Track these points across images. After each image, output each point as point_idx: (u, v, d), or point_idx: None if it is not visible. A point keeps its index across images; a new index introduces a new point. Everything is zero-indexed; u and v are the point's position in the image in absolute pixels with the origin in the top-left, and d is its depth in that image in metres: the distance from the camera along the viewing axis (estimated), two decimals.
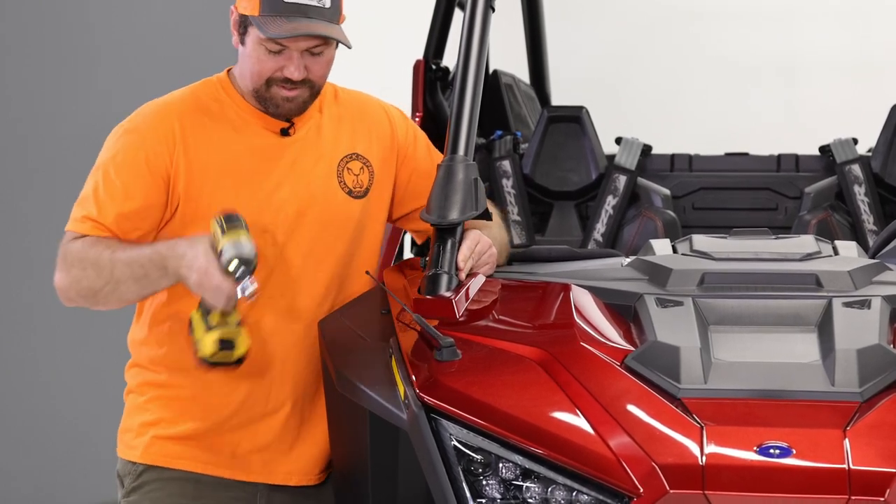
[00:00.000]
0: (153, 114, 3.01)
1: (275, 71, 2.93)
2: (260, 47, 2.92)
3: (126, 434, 3.09)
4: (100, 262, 2.90)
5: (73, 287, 2.93)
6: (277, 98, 2.97)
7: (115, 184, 2.95)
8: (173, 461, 3.03)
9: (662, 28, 8.07)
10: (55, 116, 5.62)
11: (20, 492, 5.50)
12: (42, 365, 5.64)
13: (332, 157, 3.09)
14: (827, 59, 7.92)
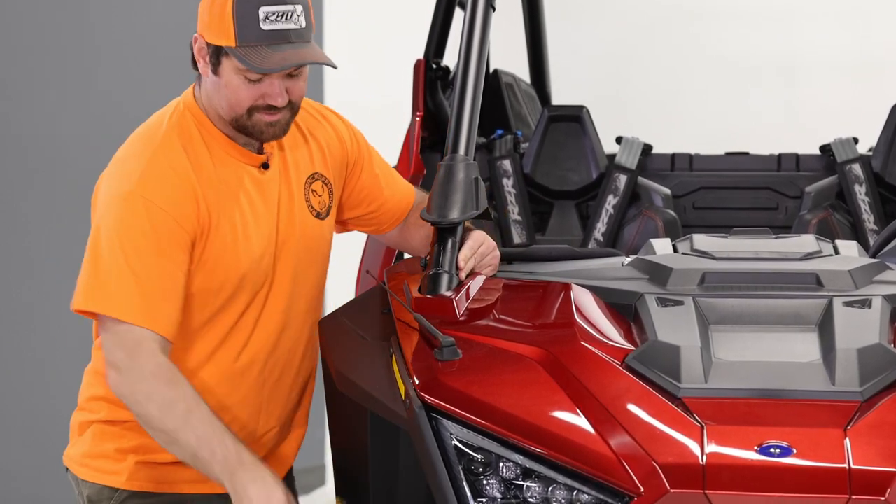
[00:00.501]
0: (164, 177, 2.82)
1: (256, 99, 2.82)
2: (237, 77, 2.80)
3: (97, 460, 2.98)
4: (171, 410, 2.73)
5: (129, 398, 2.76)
6: (260, 125, 2.85)
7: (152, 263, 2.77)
8: (159, 486, 2.95)
9: (663, 27, 8.08)
10: (55, 116, 5.62)
11: (20, 492, 5.50)
12: (42, 364, 5.64)
13: (300, 183, 3.02)
14: (827, 59, 7.93)
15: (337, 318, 3.04)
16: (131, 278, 2.76)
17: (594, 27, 8.09)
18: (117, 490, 2.96)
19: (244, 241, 2.89)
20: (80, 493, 3.02)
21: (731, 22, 8.03)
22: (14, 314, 5.59)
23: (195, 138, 2.90)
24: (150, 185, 2.81)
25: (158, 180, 2.82)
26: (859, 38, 7.90)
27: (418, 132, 4.92)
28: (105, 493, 2.97)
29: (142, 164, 2.84)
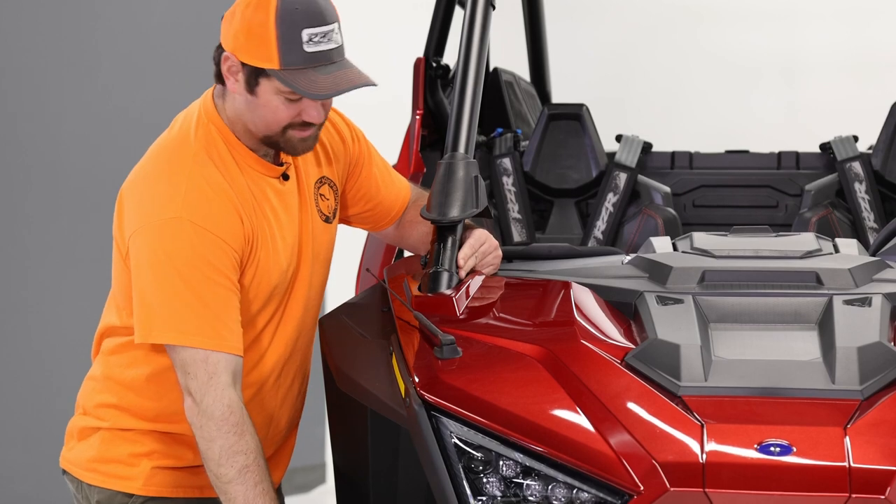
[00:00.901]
0: (208, 200, 2.80)
1: (293, 118, 2.82)
2: (277, 98, 2.79)
3: (108, 465, 2.95)
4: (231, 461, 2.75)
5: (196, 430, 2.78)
6: (294, 141, 2.85)
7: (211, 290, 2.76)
8: (175, 490, 2.95)
9: (663, 25, 8.08)
10: (55, 115, 5.61)
11: (18, 491, 5.50)
12: (42, 363, 5.64)
13: (310, 189, 3.02)
14: (827, 58, 7.93)
15: (337, 317, 3.05)
16: (195, 303, 2.75)
17: (594, 25, 8.09)
18: (132, 496, 2.94)
19: (274, 255, 2.89)
20: (87, 497, 2.99)
21: (732, 21, 8.03)
22: (13, 313, 5.58)
23: (223, 153, 2.88)
24: (193, 208, 2.78)
25: (201, 202, 2.80)
26: (859, 37, 7.90)
27: (418, 130, 4.92)
28: (118, 499, 2.95)
29: (180, 186, 2.81)
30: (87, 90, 5.66)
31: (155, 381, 2.91)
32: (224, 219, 2.79)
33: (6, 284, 5.53)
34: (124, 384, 2.94)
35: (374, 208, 3.21)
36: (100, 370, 3.00)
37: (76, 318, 5.66)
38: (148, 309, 2.78)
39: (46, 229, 5.60)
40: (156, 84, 5.76)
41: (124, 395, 2.94)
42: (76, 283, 5.65)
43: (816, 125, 6.39)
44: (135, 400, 2.93)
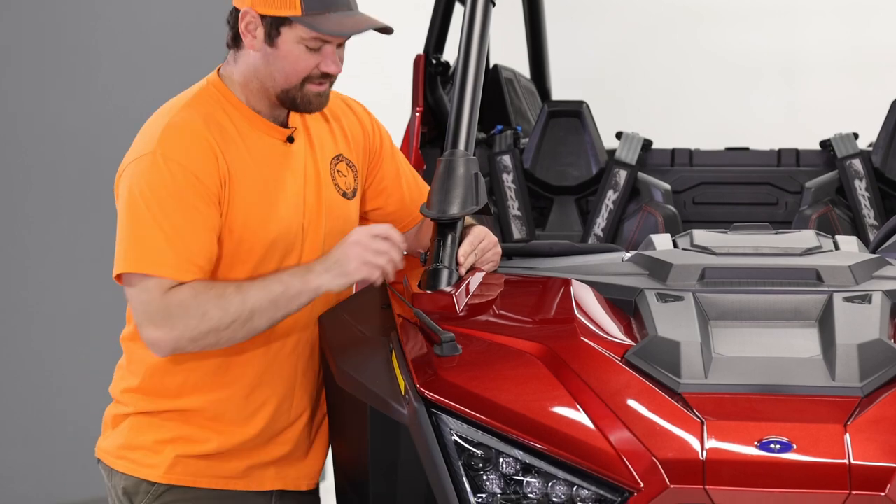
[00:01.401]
0: (182, 137, 2.86)
1: (312, 69, 2.89)
2: (299, 46, 2.86)
3: (135, 452, 2.97)
4: (224, 298, 2.79)
5: (186, 335, 2.78)
6: (309, 95, 2.91)
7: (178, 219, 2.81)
8: (197, 480, 2.95)
9: (664, 24, 8.08)
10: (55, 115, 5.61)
11: (17, 490, 5.50)
12: (41, 360, 5.64)
13: (325, 162, 3.07)
14: (827, 57, 7.92)
15: (337, 314, 3.04)
16: (160, 235, 2.79)
17: (595, 23, 8.09)
18: (154, 484, 2.95)
19: (269, 207, 2.92)
20: (115, 485, 3.01)
21: (732, 19, 8.03)
22: (13, 312, 5.58)
23: (216, 108, 2.94)
24: (166, 144, 2.84)
25: (174, 139, 2.85)
26: (859, 36, 7.90)
27: (418, 127, 4.92)
28: (142, 487, 2.96)
29: (159, 128, 2.88)
30: (88, 90, 5.66)
31: (180, 359, 2.93)
32: (196, 154, 2.85)
33: (6, 284, 5.52)
34: (145, 364, 2.96)
35: (395, 207, 3.21)
36: (124, 356, 3.05)
37: (76, 318, 5.67)
38: (118, 244, 2.85)
39: (46, 229, 5.60)
40: (156, 84, 5.75)
41: (146, 377, 2.97)
42: (76, 283, 5.65)
43: (816, 123, 6.39)
44: (155, 379, 2.96)
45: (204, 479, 2.96)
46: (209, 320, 2.78)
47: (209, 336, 2.79)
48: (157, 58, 5.78)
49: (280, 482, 3.04)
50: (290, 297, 2.83)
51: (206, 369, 2.94)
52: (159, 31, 5.80)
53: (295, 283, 2.83)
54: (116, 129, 5.69)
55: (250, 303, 2.80)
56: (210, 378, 2.94)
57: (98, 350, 5.63)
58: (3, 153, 5.48)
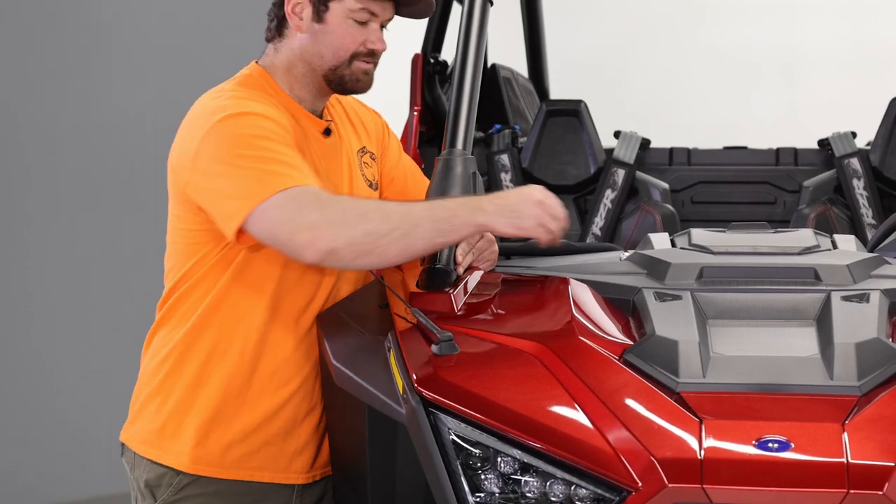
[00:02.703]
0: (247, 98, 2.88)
1: (359, 44, 2.96)
2: (347, 21, 2.95)
3: (162, 438, 2.97)
4: (385, 206, 2.75)
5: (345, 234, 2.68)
6: (358, 73, 2.99)
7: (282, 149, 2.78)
8: (220, 471, 2.96)
9: (662, 22, 8.08)
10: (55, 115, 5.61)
11: (17, 490, 5.50)
12: (41, 360, 5.64)
13: (353, 153, 3.13)
14: (827, 54, 7.92)
15: (334, 313, 3.04)
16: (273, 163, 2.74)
17: (593, 22, 8.08)
18: (178, 474, 2.95)
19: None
20: (137, 478, 3.01)
21: (731, 17, 8.03)
22: (13, 310, 5.59)
23: (264, 92, 2.97)
24: (242, 105, 2.84)
25: (247, 101, 2.87)
26: (859, 32, 7.90)
27: (416, 126, 4.93)
28: (165, 479, 2.96)
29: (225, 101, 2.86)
30: (88, 90, 5.66)
31: (209, 314, 2.94)
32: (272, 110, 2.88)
33: (6, 284, 5.53)
34: (176, 341, 2.96)
35: (402, 199, 3.22)
36: (152, 342, 3.04)
37: (76, 318, 5.67)
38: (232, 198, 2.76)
39: (46, 229, 5.60)
40: (156, 84, 5.76)
41: (174, 354, 2.96)
42: (76, 283, 5.65)
43: (816, 120, 6.39)
44: (185, 354, 2.95)
45: (231, 471, 2.96)
46: (368, 221, 2.70)
47: (366, 240, 2.69)
48: (157, 58, 5.79)
49: (301, 473, 3.04)
50: (454, 226, 2.75)
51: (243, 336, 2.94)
52: (160, 31, 5.80)
53: (462, 213, 2.76)
54: (116, 129, 5.70)
55: (413, 216, 2.72)
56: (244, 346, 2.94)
57: (98, 350, 5.65)
58: (3, 153, 5.48)
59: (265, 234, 2.74)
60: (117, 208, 5.70)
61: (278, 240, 2.73)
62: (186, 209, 2.91)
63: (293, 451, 3.03)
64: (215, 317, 2.95)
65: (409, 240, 2.72)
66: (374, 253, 2.71)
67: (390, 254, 2.73)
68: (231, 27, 5.77)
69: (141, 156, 5.64)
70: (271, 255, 2.92)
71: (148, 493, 2.98)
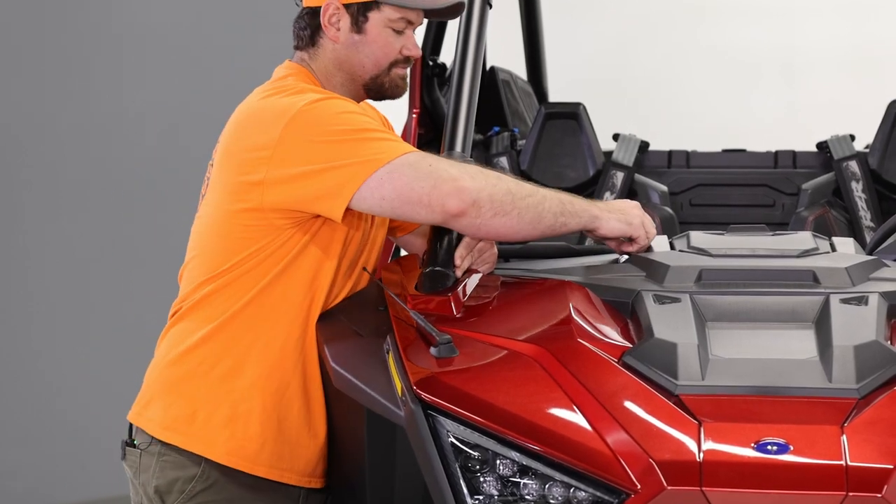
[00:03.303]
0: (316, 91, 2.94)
1: (398, 53, 3.02)
2: (386, 30, 3.00)
3: (192, 425, 2.93)
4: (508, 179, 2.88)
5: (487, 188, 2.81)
6: (397, 79, 3.05)
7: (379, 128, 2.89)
8: (255, 467, 2.95)
9: (661, 23, 8.08)
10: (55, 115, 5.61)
11: (17, 490, 5.50)
12: (41, 360, 5.64)
13: None
14: (827, 54, 7.92)
15: (333, 316, 3.04)
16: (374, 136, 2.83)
17: (592, 23, 8.08)
18: (193, 480, 2.91)
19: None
20: (143, 483, 2.95)
21: (730, 18, 8.03)
22: (14, 310, 5.59)
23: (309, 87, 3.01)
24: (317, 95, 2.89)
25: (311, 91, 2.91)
26: (859, 32, 7.90)
27: (415, 129, 4.92)
28: (177, 486, 2.92)
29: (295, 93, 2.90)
30: (88, 90, 5.66)
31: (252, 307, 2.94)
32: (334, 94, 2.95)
33: (6, 284, 5.53)
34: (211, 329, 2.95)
35: None
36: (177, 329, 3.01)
37: (76, 318, 5.67)
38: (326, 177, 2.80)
39: (46, 229, 5.60)
40: (156, 84, 5.76)
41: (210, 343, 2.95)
42: (76, 283, 5.65)
43: (816, 121, 6.39)
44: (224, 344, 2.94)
45: (262, 467, 2.94)
46: (505, 182, 2.85)
47: (506, 199, 2.83)
48: (157, 58, 5.79)
49: (307, 477, 3.03)
50: (575, 210, 2.95)
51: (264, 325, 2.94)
52: (160, 31, 5.81)
53: (578, 202, 2.97)
54: (116, 130, 5.70)
55: (542, 190, 2.90)
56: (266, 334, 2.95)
57: (98, 350, 5.65)
58: (3, 153, 5.48)
59: (392, 195, 2.80)
60: (117, 208, 5.71)
61: (412, 196, 2.80)
62: (247, 204, 2.90)
63: (319, 454, 3.02)
64: (259, 309, 2.94)
65: (541, 210, 2.88)
66: (511, 213, 2.83)
67: (525, 219, 2.86)
68: (232, 28, 5.77)
69: (141, 156, 5.64)
70: (326, 249, 2.95)
71: (157, 499, 2.94)
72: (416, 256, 3.22)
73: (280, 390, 2.96)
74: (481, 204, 2.82)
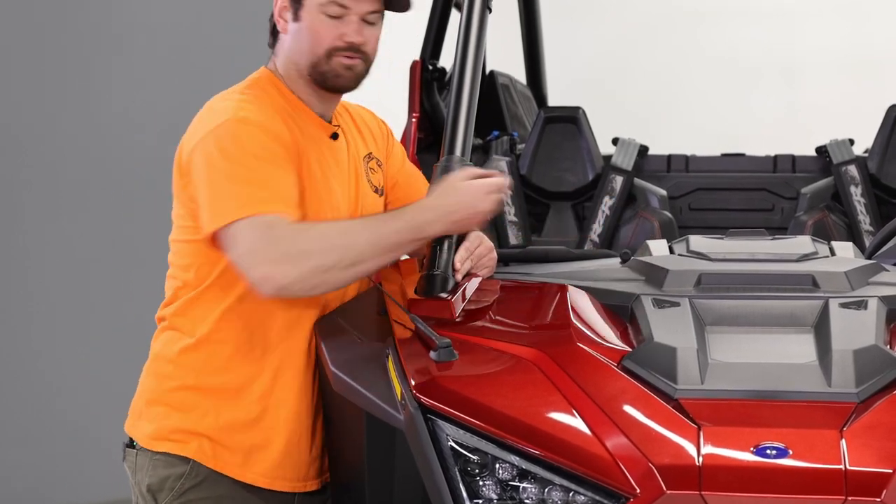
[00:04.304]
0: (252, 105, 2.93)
1: (335, 39, 2.96)
2: (319, 15, 2.95)
3: (176, 433, 2.97)
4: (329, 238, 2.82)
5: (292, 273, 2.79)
6: (338, 68, 2.98)
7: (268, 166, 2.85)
8: (243, 473, 2.97)
9: (660, 28, 8.08)
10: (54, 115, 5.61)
11: (17, 490, 5.50)
12: (41, 360, 5.64)
13: (360, 159, 3.15)
14: (828, 56, 7.92)
15: (333, 320, 3.04)
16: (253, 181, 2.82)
17: (591, 28, 8.09)
18: (182, 478, 2.94)
19: (325, 194, 3.00)
20: (138, 482, 2.99)
21: (730, 21, 8.03)
22: (13, 311, 5.58)
23: (274, 94, 3.02)
24: (243, 111, 2.90)
25: (250, 107, 2.92)
26: (858, 37, 7.90)
27: (414, 133, 4.93)
28: (167, 483, 2.95)
29: (230, 102, 2.94)
30: (87, 90, 5.66)
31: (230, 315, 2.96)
32: (272, 118, 2.92)
33: (6, 284, 5.52)
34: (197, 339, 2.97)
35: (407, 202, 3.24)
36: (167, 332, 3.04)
37: (76, 318, 5.67)
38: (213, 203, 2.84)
39: (46, 229, 5.60)
40: (157, 85, 5.76)
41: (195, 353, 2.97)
42: (76, 283, 5.65)
43: (816, 124, 6.40)
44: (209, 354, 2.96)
45: (249, 474, 2.96)
46: (312, 258, 2.79)
47: (314, 275, 2.80)
48: (158, 59, 5.79)
49: (302, 481, 3.04)
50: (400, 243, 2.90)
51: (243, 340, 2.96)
52: (160, 31, 5.81)
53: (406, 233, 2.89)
54: (116, 130, 5.70)
55: (358, 245, 2.83)
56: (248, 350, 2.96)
57: (98, 350, 5.64)
58: (3, 153, 5.48)
59: (228, 254, 2.85)
60: (117, 208, 5.70)
61: (238, 267, 2.83)
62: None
63: (310, 459, 3.04)
64: (238, 317, 2.96)
65: (357, 268, 2.84)
66: (323, 285, 2.84)
67: (340, 283, 2.87)
68: (231, 29, 5.77)
69: (141, 156, 5.64)
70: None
71: (150, 498, 2.97)
72: (415, 260, 3.22)
73: (263, 399, 2.97)
74: (289, 287, 2.81)
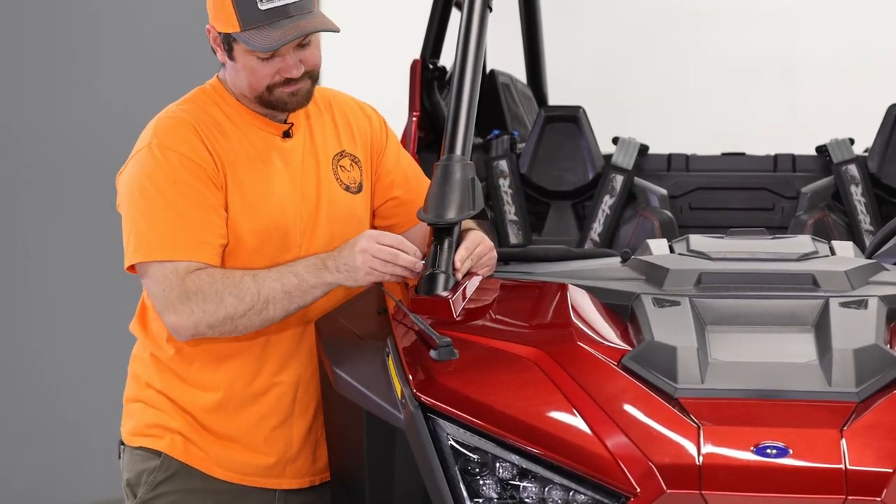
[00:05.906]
0: (173, 128, 2.96)
1: (273, 76, 2.94)
2: (251, 58, 2.93)
3: (152, 428, 3.03)
4: (241, 287, 2.88)
5: (204, 321, 2.87)
6: (283, 97, 2.98)
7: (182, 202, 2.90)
8: (213, 468, 3.01)
9: (660, 27, 8.08)
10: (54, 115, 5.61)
11: (17, 490, 5.50)
12: (41, 360, 5.64)
13: (326, 156, 3.12)
14: (828, 57, 7.92)
15: (333, 318, 3.05)
16: (167, 220, 2.88)
17: (592, 27, 8.08)
18: (154, 471, 3.00)
19: (262, 197, 2.99)
20: (124, 479, 3.05)
21: (730, 21, 8.03)
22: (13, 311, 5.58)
23: (212, 105, 3.03)
24: (159, 136, 2.95)
25: (166, 130, 2.96)
26: (858, 38, 7.90)
27: (415, 132, 4.93)
28: (143, 478, 3.01)
29: (152, 125, 3.00)
30: (87, 90, 5.66)
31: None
32: (190, 142, 2.94)
33: (6, 284, 5.52)
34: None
35: (401, 201, 3.24)
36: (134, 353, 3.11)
37: (76, 318, 5.67)
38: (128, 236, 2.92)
39: (46, 229, 5.60)
40: (157, 85, 5.76)
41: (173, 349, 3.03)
42: (76, 283, 5.65)
43: (816, 124, 6.39)
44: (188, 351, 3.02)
45: (219, 469, 3.00)
46: (225, 307, 2.86)
47: (226, 323, 2.87)
48: (156, 58, 5.79)
49: (283, 478, 3.06)
50: (305, 291, 2.91)
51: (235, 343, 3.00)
52: (159, 31, 5.81)
53: (309, 277, 2.91)
54: (116, 130, 5.69)
55: (265, 292, 2.88)
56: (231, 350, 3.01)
57: (98, 350, 5.64)
58: (3, 153, 5.48)
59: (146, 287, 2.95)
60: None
61: (154, 306, 2.94)
62: None
63: (287, 458, 3.05)
64: None
65: (266, 314, 2.89)
66: (236, 330, 2.90)
67: (251, 328, 2.91)
68: None
69: None
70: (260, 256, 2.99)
71: (129, 493, 3.04)
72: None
73: (232, 399, 3.01)
74: (203, 334, 2.90)
